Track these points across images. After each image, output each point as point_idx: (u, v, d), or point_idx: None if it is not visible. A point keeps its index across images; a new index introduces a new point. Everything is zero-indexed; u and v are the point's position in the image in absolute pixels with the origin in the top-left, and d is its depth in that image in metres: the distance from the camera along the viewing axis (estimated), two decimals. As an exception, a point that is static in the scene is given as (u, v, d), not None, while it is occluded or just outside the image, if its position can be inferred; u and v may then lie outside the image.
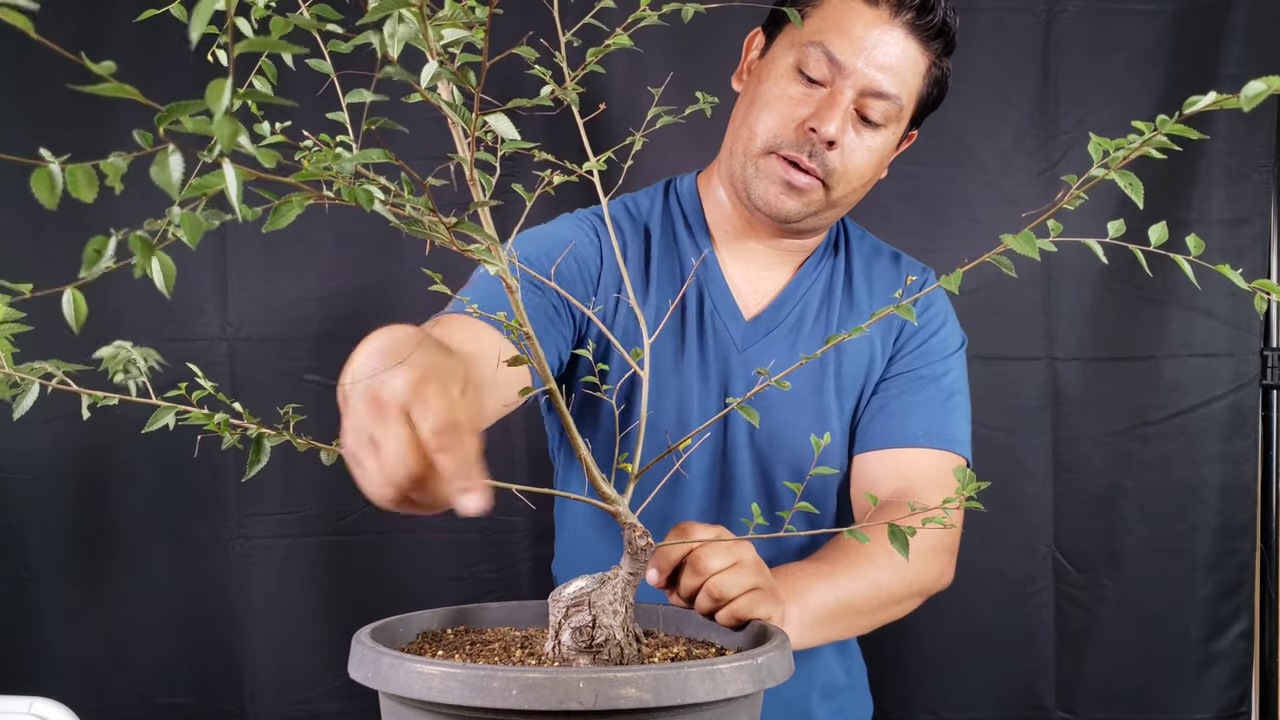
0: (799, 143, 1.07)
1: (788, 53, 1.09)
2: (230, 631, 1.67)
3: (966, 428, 1.18)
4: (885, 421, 1.16)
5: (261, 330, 1.66)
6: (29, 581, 1.63)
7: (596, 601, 0.70)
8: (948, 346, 1.20)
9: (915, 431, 1.14)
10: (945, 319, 1.22)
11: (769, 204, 1.10)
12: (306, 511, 1.67)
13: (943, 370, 1.18)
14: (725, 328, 1.17)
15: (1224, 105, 0.46)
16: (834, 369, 1.17)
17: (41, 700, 1.20)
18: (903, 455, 1.14)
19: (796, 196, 1.09)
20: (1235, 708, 1.74)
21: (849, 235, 1.24)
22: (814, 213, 1.11)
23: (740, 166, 1.12)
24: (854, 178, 1.10)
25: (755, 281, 1.20)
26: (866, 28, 1.05)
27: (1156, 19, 1.70)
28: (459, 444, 0.56)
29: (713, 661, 0.63)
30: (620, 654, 0.69)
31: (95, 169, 0.38)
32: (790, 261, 1.20)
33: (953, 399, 1.17)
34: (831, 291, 1.20)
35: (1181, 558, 1.73)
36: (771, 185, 1.09)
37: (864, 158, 1.09)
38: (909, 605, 1.11)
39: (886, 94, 1.06)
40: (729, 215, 1.18)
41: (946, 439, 1.14)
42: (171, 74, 1.48)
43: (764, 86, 1.10)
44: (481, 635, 0.80)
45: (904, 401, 1.16)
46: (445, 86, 0.60)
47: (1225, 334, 1.72)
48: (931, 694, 1.74)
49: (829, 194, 1.09)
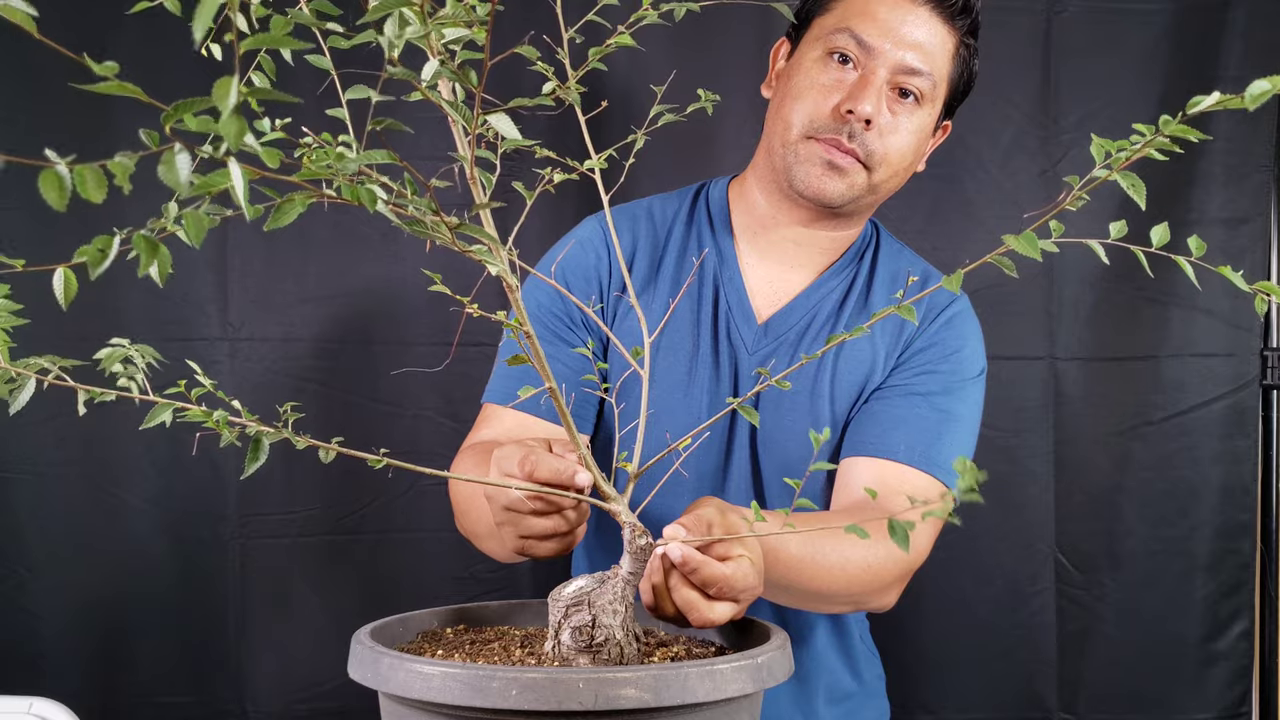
0: (836, 126, 1.07)
1: (815, 45, 1.10)
2: (230, 631, 1.66)
3: (955, 454, 1.11)
4: (872, 428, 1.13)
5: (261, 330, 1.66)
6: (29, 581, 1.63)
7: (596, 601, 0.69)
8: (960, 371, 1.16)
9: (898, 445, 1.10)
10: (964, 343, 1.18)
11: (812, 186, 1.10)
12: (306, 511, 1.67)
13: (945, 391, 1.14)
14: (738, 330, 1.17)
15: (1227, 105, 0.46)
16: (831, 373, 1.16)
17: (41, 700, 1.20)
18: (883, 467, 1.10)
19: (839, 177, 1.09)
20: (1235, 708, 1.74)
21: (879, 246, 1.22)
22: (857, 195, 1.11)
23: (780, 157, 1.12)
24: (894, 158, 1.10)
25: (775, 283, 1.19)
26: (891, 9, 1.07)
27: (1156, 19, 1.70)
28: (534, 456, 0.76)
29: (713, 661, 0.63)
30: (620, 653, 0.69)
31: (103, 169, 0.38)
32: (815, 262, 1.19)
33: (948, 423, 1.12)
34: (846, 301, 1.18)
35: (1182, 558, 1.73)
36: (813, 168, 1.09)
37: (903, 139, 1.09)
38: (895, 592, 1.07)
39: (918, 70, 1.07)
40: (761, 212, 1.18)
41: (928, 461, 1.09)
42: (171, 71, 1.48)
43: (795, 80, 1.11)
44: (481, 634, 0.80)
45: (895, 414, 1.13)
46: (446, 85, 0.60)
47: (1225, 334, 1.72)
48: (932, 694, 1.74)
49: (870, 176, 1.10)
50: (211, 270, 1.65)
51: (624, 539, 0.71)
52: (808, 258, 1.19)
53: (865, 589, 1.02)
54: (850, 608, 1.11)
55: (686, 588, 0.74)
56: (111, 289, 1.62)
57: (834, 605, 1.08)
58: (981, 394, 1.18)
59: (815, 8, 1.13)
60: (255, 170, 0.43)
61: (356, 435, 0.73)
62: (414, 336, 1.68)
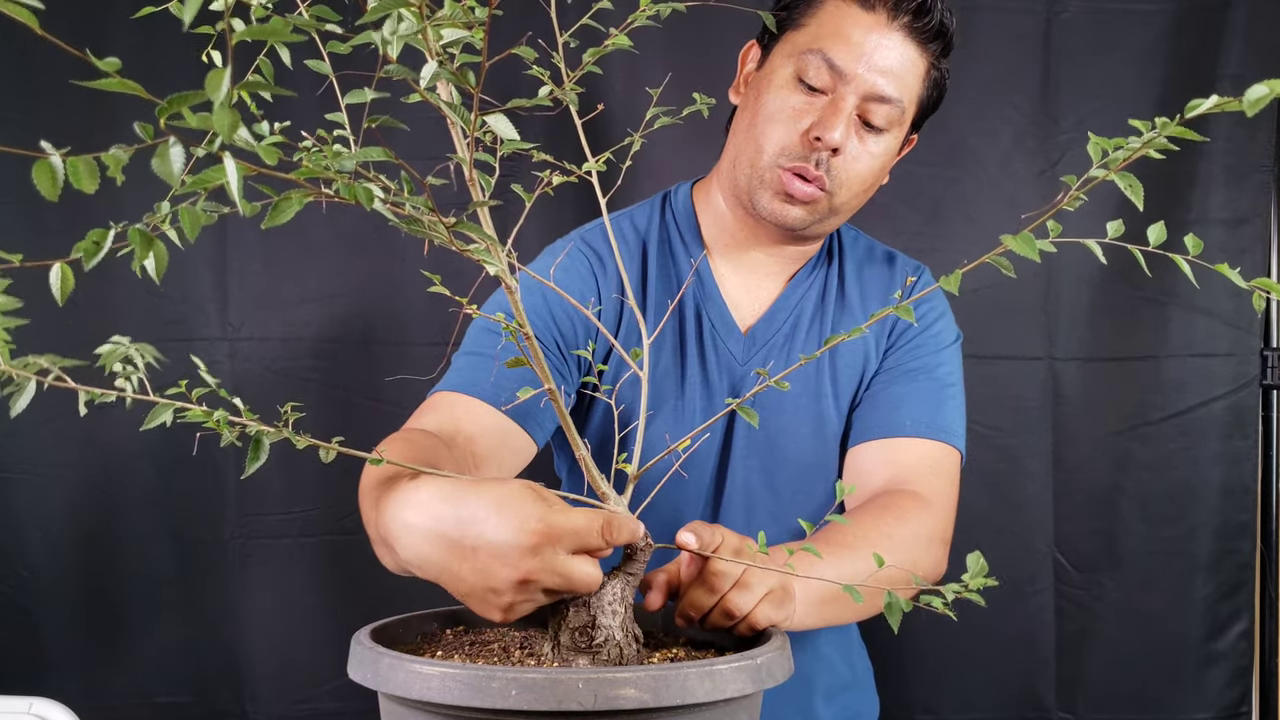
0: (805, 153, 1.07)
1: (786, 63, 1.08)
2: (230, 631, 1.67)
3: (960, 420, 1.17)
4: (875, 413, 1.16)
5: (262, 330, 1.66)
6: (29, 581, 1.63)
7: (595, 602, 0.69)
8: (941, 340, 1.20)
9: (904, 421, 1.13)
10: (940, 314, 1.22)
11: (774, 214, 1.10)
12: (306, 511, 1.67)
13: (936, 363, 1.18)
14: (724, 344, 1.17)
15: (1225, 109, 0.46)
16: (830, 373, 1.17)
17: (41, 700, 1.20)
18: (893, 445, 1.13)
19: (800, 206, 1.09)
20: (1235, 708, 1.74)
21: (842, 240, 1.24)
22: (818, 220, 1.11)
23: (745, 179, 1.11)
24: (856, 184, 1.10)
25: (753, 291, 1.19)
26: (865, 33, 1.05)
27: (1156, 19, 1.70)
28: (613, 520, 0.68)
29: (712, 662, 0.63)
30: (619, 654, 0.69)
31: (96, 160, 0.38)
32: (787, 270, 1.20)
33: (945, 390, 1.17)
34: (825, 299, 1.20)
35: (1181, 558, 1.73)
36: (776, 196, 1.09)
37: (867, 164, 1.09)
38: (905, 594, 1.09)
39: (888, 98, 1.06)
40: (729, 226, 1.18)
41: (938, 429, 1.13)
42: (171, 73, 1.49)
43: (765, 99, 1.09)
44: (481, 635, 0.80)
45: (894, 393, 1.16)
46: (444, 87, 0.60)
47: (1225, 334, 1.72)
48: (931, 694, 1.74)
49: (832, 200, 1.09)
50: (211, 270, 1.65)
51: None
52: (779, 266, 1.20)
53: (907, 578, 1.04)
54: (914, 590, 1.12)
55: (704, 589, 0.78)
56: (111, 289, 1.62)
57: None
58: (960, 360, 1.22)
59: (789, 20, 1.11)
60: (251, 166, 0.43)
61: (356, 435, 0.73)
62: (414, 337, 1.68)
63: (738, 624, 0.78)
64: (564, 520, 0.66)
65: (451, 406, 1.03)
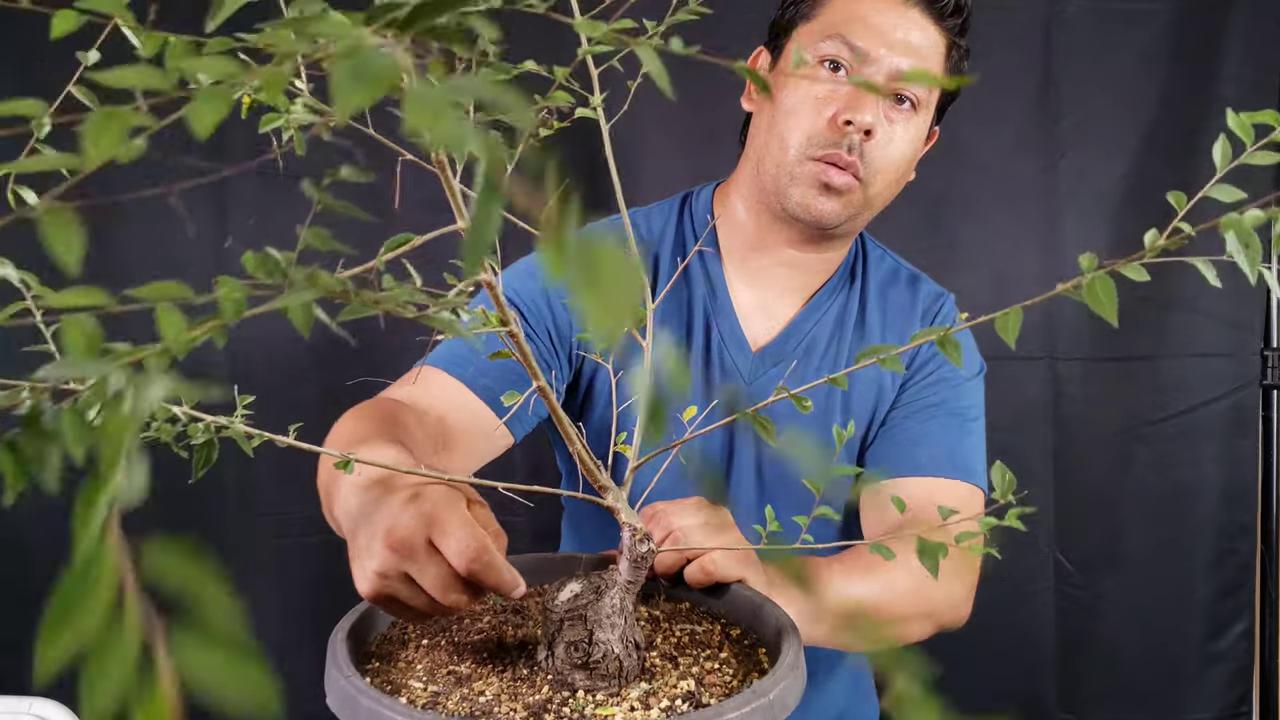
0: (835, 139, 1.02)
1: (802, 55, 1.05)
2: (230, 631, 1.66)
3: (981, 456, 1.11)
4: (892, 450, 1.11)
5: (262, 330, 1.66)
6: (29, 582, 1.63)
7: (592, 616, 0.66)
8: (962, 374, 1.15)
9: (922, 460, 1.08)
10: (961, 343, 1.18)
11: (808, 210, 1.06)
12: (306, 512, 1.67)
13: (955, 398, 1.12)
14: (732, 360, 1.13)
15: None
16: (842, 399, 1.13)
17: (41, 700, 1.20)
18: (911, 484, 1.08)
19: (835, 198, 1.05)
20: (1235, 708, 1.74)
21: (867, 259, 1.20)
22: (851, 215, 1.07)
23: (772, 179, 1.07)
24: (890, 171, 1.06)
25: (768, 309, 1.15)
26: (881, 13, 1.03)
27: (1156, 19, 1.70)
28: (490, 560, 0.61)
29: (721, 709, 0.60)
30: (619, 668, 0.67)
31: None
32: (806, 286, 1.16)
33: (965, 426, 1.11)
34: (843, 323, 1.15)
35: (1181, 558, 1.73)
36: (810, 189, 1.05)
37: (899, 149, 1.05)
38: (917, 627, 1.05)
39: None
40: (748, 235, 1.14)
41: (958, 468, 1.08)
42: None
43: (783, 95, 1.05)
44: (476, 625, 0.77)
45: (911, 431, 1.11)
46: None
47: (1225, 334, 1.72)
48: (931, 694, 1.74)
49: (866, 190, 1.06)
50: (211, 270, 1.65)
51: (623, 542, 0.70)
52: (799, 281, 1.15)
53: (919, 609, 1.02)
54: (928, 623, 1.06)
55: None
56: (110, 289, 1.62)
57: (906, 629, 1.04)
58: (983, 392, 1.17)
59: (797, 16, 1.08)
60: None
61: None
62: (414, 337, 1.67)
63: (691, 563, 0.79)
64: (443, 537, 0.61)
65: (428, 382, 1.02)
